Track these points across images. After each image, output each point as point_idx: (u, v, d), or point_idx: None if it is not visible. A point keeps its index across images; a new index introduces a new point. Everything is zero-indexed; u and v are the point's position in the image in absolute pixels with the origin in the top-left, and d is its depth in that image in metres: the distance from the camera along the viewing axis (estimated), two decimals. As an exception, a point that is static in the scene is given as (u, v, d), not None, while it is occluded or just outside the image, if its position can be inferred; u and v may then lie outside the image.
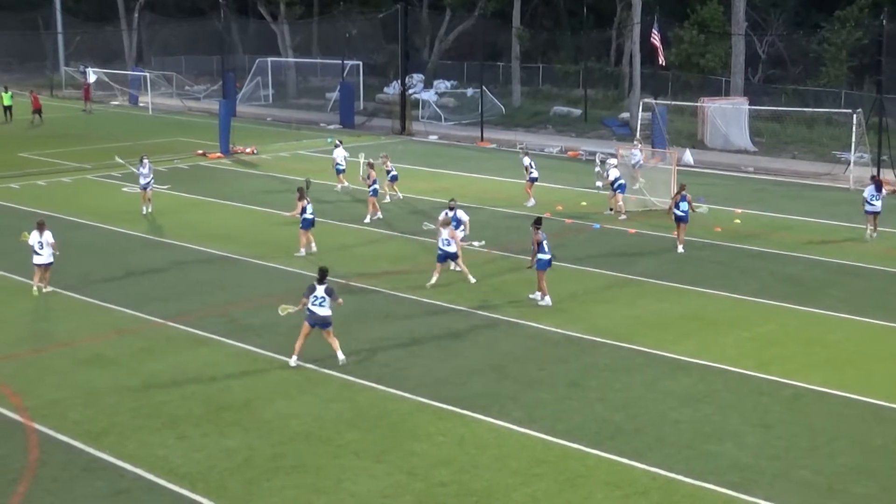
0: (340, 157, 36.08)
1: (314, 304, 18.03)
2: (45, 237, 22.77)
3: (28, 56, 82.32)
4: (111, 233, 29.54)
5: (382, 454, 14.91)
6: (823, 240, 28.76)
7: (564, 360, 18.91)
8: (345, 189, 35.55)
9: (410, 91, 57.02)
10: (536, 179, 33.47)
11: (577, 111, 56.34)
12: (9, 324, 21.27)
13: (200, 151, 44.89)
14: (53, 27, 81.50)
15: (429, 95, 60.22)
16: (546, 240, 22.16)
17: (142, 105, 64.19)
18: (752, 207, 33.22)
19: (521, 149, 37.83)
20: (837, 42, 52.04)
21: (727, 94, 51.98)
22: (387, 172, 33.58)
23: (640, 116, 43.86)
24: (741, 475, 14.22)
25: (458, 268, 23.88)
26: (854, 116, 37.75)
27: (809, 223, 31.10)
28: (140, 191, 31.98)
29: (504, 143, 47.75)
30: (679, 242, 27.19)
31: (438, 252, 23.66)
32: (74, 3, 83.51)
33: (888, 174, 36.05)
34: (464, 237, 24.70)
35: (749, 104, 47.99)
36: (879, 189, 28.88)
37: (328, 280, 18.27)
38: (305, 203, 26.07)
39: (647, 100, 44.66)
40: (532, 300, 22.25)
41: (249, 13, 75.71)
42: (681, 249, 27.08)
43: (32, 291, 22.78)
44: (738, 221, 30.94)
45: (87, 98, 63.08)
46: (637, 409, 16.58)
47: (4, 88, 59.14)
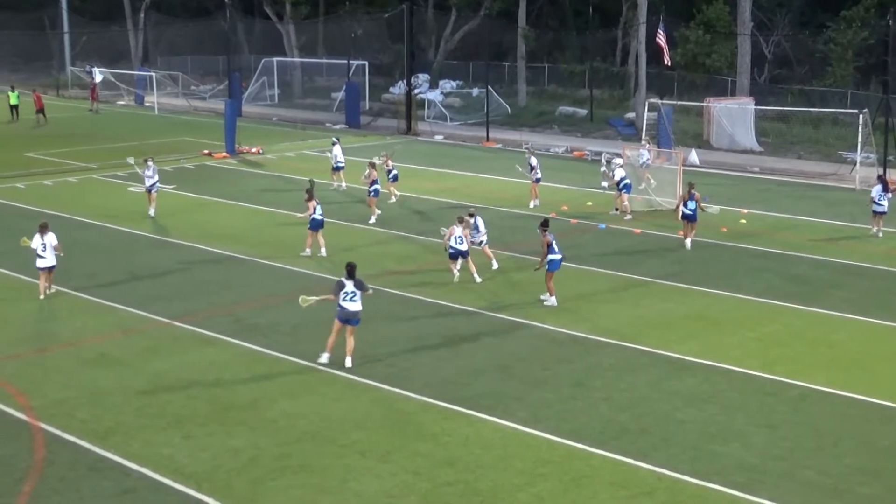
0: (339, 155, 36.20)
1: (345, 300, 17.99)
2: (49, 239, 22.40)
3: (34, 56, 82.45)
4: (117, 232, 29.58)
5: (388, 454, 14.93)
6: (828, 240, 28.74)
7: (569, 361, 18.92)
8: (340, 188, 35.57)
9: (416, 91, 57.04)
10: (540, 180, 33.48)
11: (583, 111, 56.35)
12: (14, 323, 21.30)
13: (206, 151, 44.96)
14: (60, 27, 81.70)
15: (434, 95, 60.25)
16: (555, 240, 22.18)
17: (148, 105, 64.33)
18: (758, 207, 33.20)
19: (527, 148, 37.79)
20: (843, 42, 52.01)
21: (733, 94, 51.96)
22: (387, 172, 33.52)
23: (646, 116, 43.80)
24: (747, 475, 14.22)
25: (457, 269, 24.03)
26: (860, 116, 37.74)
27: (814, 223, 31.08)
28: (145, 192, 31.63)
29: (510, 143, 47.79)
30: (687, 237, 27.43)
31: (450, 250, 23.88)
32: (81, 3, 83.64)
33: (895, 174, 35.98)
34: (482, 242, 25.00)
35: (755, 104, 48.01)
36: (886, 189, 28.92)
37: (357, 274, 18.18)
38: (315, 203, 26.11)
39: (653, 100, 44.63)
40: (542, 302, 22.22)
41: (255, 13, 75.80)
42: (688, 244, 27.30)
43: (39, 297, 22.52)
44: (744, 221, 30.93)
45: (94, 98, 63.20)
46: (642, 410, 16.59)
47: (11, 88, 59.34)
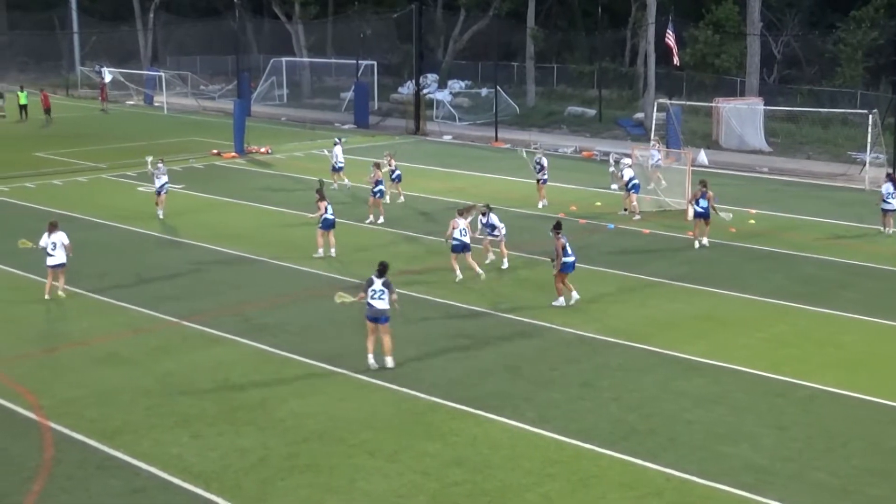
0: (339, 155, 36.26)
1: (373, 298, 17.99)
2: (59, 238, 22.39)
3: (44, 56, 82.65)
4: (126, 232, 29.64)
5: (396, 454, 14.94)
6: (837, 240, 28.69)
7: (577, 361, 18.91)
8: (343, 187, 35.60)
9: (425, 91, 57.06)
10: (546, 181, 33.45)
11: (592, 111, 56.30)
12: (24, 323, 21.37)
13: (215, 151, 45.04)
14: (69, 27, 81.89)
15: (443, 95, 60.25)
16: (568, 242, 22.14)
17: (157, 105, 64.42)
18: (767, 208, 33.15)
19: (536, 148, 37.71)
20: (853, 42, 51.87)
21: (742, 95, 51.85)
22: (391, 172, 33.46)
23: (655, 117, 43.75)
24: (755, 476, 14.20)
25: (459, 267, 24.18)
26: (870, 117, 37.64)
27: (823, 223, 31.02)
28: (154, 194, 31.50)
29: (518, 143, 47.67)
30: (698, 237, 27.50)
31: (454, 243, 23.93)
32: (90, 3, 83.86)
33: (903, 174, 35.92)
34: (500, 238, 25.13)
35: (764, 104, 47.89)
36: (896, 187, 28.95)
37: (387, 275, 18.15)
38: (326, 203, 26.15)
39: (662, 100, 44.54)
40: (573, 304, 22.07)
41: (264, 13, 75.86)
42: (705, 242, 27.46)
43: (44, 296, 22.46)
44: (753, 222, 30.88)
45: (104, 98, 63.35)
46: (650, 410, 16.57)
47: (20, 87, 59.52)
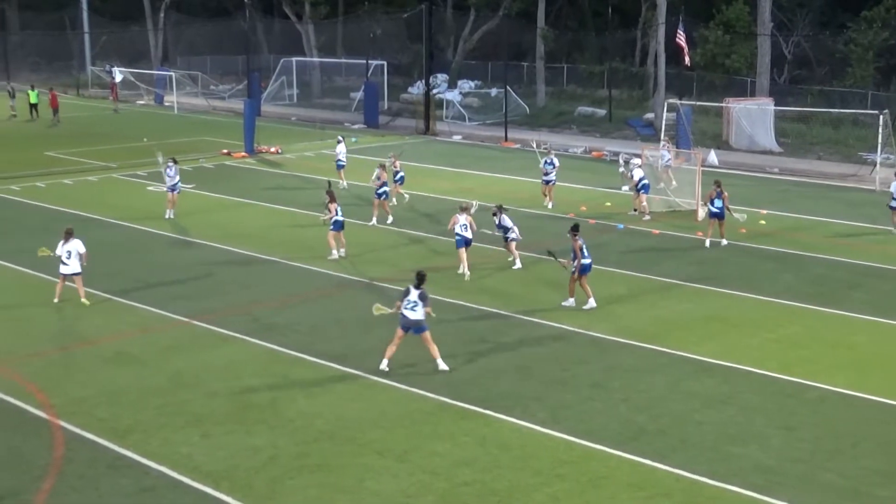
0: (342, 153, 36.19)
1: (407, 308, 17.89)
2: (75, 246, 22.06)
3: (55, 55, 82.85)
4: (137, 232, 29.69)
5: (405, 454, 14.95)
6: (847, 241, 28.62)
7: (587, 361, 18.90)
8: (343, 187, 35.57)
9: (434, 91, 57.05)
10: (553, 182, 33.39)
11: (602, 111, 56.23)
12: (35, 322, 21.43)
13: (225, 151, 45.09)
14: (80, 27, 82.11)
15: (453, 95, 60.22)
16: (585, 244, 22.04)
17: (167, 104, 64.54)
18: (777, 208, 33.07)
19: (545, 148, 37.63)
20: (864, 42, 51.73)
21: (752, 95, 51.77)
22: (394, 174, 33.31)
23: (665, 117, 43.70)
24: (765, 478, 14.17)
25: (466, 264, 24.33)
26: (881, 117, 37.55)
27: (834, 224, 30.95)
28: (168, 192, 31.39)
29: (528, 144, 47.64)
30: (711, 237, 27.59)
31: (457, 238, 24.23)
32: (101, 3, 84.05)
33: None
34: (514, 238, 25.20)
35: (774, 105, 47.77)
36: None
37: (424, 286, 17.96)
38: (336, 206, 26.16)
39: (672, 100, 44.45)
40: (587, 309, 21.89)
41: (274, 13, 75.97)
42: (724, 242, 27.54)
43: (54, 300, 22.29)
44: (763, 222, 30.81)
45: (115, 97, 63.45)
46: (660, 411, 16.55)
47: (31, 87, 59.70)
